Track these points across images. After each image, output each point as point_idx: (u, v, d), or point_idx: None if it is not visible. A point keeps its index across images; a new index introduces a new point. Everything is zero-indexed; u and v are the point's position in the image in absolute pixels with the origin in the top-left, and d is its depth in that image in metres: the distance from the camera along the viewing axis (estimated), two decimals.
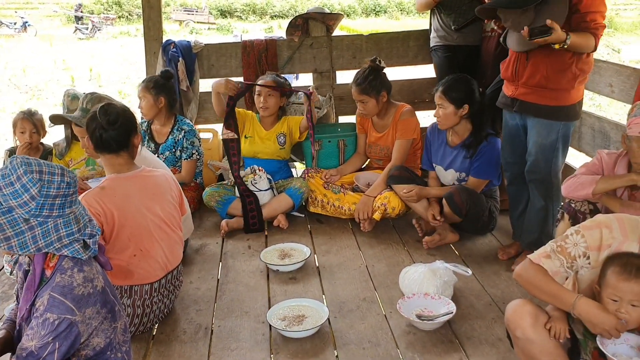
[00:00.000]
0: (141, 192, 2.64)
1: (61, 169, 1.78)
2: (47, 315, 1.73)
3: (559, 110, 3.02)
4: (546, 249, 2.06)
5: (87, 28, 25.23)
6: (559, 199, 3.07)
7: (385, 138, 3.97)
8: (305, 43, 4.68)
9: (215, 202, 3.92)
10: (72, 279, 1.78)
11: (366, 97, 3.83)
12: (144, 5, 4.55)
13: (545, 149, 3.07)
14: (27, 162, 1.74)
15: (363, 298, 2.98)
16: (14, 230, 1.72)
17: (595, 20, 2.87)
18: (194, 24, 27.30)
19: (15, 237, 1.72)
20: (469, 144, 3.47)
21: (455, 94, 3.39)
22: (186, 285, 3.11)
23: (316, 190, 3.98)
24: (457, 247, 3.53)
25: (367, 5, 32.35)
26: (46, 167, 1.76)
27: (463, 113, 3.41)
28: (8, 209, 1.71)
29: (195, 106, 4.66)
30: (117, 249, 2.55)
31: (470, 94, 3.40)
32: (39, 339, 1.72)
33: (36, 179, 1.71)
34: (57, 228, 1.76)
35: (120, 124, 2.59)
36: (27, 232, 1.73)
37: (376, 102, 3.85)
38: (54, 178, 1.74)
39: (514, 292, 2.98)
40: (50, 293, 1.75)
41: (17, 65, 16.71)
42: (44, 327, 1.72)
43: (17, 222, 1.72)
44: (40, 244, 1.74)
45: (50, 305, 1.74)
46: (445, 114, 3.42)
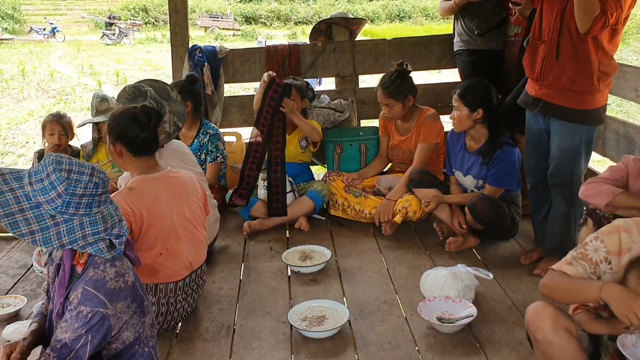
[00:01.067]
0: (168, 192, 2.69)
1: (92, 168, 1.81)
2: (80, 308, 1.77)
3: (583, 114, 3.00)
4: (567, 257, 2.05)
5: (114, 34, 25.62)
6: (581, 204, 3.06)
7: (408, 141, 3.98)
8: (328, 48, 4.72)
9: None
10: (104, 274, 1.82)
11: (392, 101, 3.84)
12: (170, 10, 4.63)
13: (569, 153, 3.05)
14: (57, 161, 1.78)
15: (384, 300, 3.00)
16: (40, 225, 1.76)
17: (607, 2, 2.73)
18: (219, 30, 27.56)
19: (40, 232, 1.76)
20: (484, 150, 3.46)
21: (470, 97, 3.39)
22: (209, 285, 3.16)
23: (337, 193, 4.00)
24: (479, 251, 3.52)
25: (391, 11, 32.34)
26: (76, 167, 1.78)
27: (477, 117, 3.41)
28: (36, 204, 1.76)
29: (219, 110, 4.73)
30: (144, 247, 2.59)
31: (486, 99, 3.39)
32: (73, 331, 1.77)
33: (64, 177, 1.75)
34: (83, 226, 1.79)
35: (155, 124, 2.64)
36: (52, 228, 1.76)
37: (402, 106, 3.86)
38: (82, 177, 1.77)
39: (535, 296, 2.95)
40: (84, 287, 1.80)
41: (45, 70, 17.06)
42: (77, 320, 1.77)
43: (43, 217, 1.76)
44: (64, 241, 1.78)
45: (84, 298, 1.78)
46: (460, 116, 3.44)
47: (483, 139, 3.49)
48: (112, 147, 2.67)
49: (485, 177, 3.47)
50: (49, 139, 4.03)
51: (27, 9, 32.27)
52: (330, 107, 4.54)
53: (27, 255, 3.63)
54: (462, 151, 3.60)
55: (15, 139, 9.78)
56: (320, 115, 4.47)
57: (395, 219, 3.72)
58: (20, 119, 11.25)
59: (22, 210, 1.75)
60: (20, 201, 1.75)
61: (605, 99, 3.07)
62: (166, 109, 3.20)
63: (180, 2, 4.58)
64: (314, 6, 33.20)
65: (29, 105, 12.82)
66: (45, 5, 33.92)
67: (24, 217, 1.74)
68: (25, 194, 1.76)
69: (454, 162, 3.67)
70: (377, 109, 4.77)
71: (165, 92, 3.29)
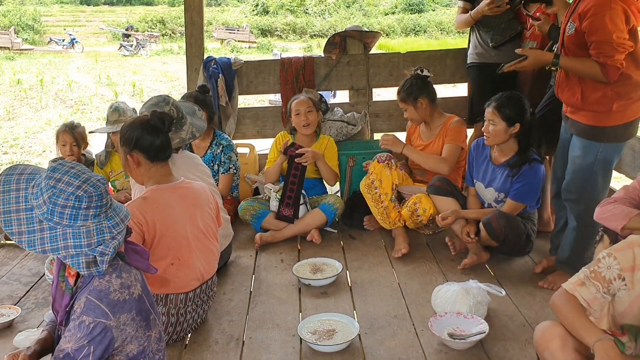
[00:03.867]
0: (181, 203, 2.69)
1: (83, 181, 1.76)
2: (83, 318, 1.77)
3: (599, 130, 2.97)
4: (580, 275, 2.02)
5: (132, 45, 25.93)
6: (593, 223, 2.99)
7: (430, 146, 3.93)
8: (343, 60, 4.73)
9: (250, 216, 3.97)
10: (109, 284, 1.81)
11: (404, 104, 3.86)
12: (186, 22, 4.68)
13: (582, 169, 3.03)
14: (54, 168, 1.79)
15: (394, 315, 2.97)
16: (28, 227, 1.76)
17: (600, 50, 2.79)
18: (235, 42, 27.80)
19: (26, 234, 1.76)
20: (512, 163, 3.39)
21: (509, 111, 3.31)
22: (219, 296, 3.16)
23: (384, 182, 3.76)
24: (492, 267, 3.49)
25: (406, 25, 32.43)
26: (68, 177, 1.76)
27: (513, 132, 3.34)
28: (31, 207, 1.77)
29: (233, 121, 4.75)
30: (156, 257, 2.59)
31: (523, 113, 3.33)
32: (75, 341, 1.76)
33: (50, 185, 1.75)
34: (65, 237, 1.76)
35: (168, 127, 2.65)
36: (37, 233, 1.76)
37: (414, 108, 3.83)
38: (68, 189, 1.74)
39: (548, 314, 2.92)
40: (88, 296, 1.79)
41: (63, 80, 17.28)
42: (79, 330, 1.76)
43: (33, 220, 1.77)
44: (46, 247, 1.76)
45: (87, 308, 1.77)
46: (496, 130, 3.35)
47: (511, 153, 3.42)
48: (130, 157, 2.64)
49: (507, 190, 3.42)
50: (61, 149, 4.07)
51: (47, 20, 32.79)
52: (343, 119, 4.55)
53: (40, 264, 3.66)
54: (486, 162, 3.54)
55: (32, 147, 9.90)
56: (333, 128, 4.47)
57: (403, 213, 3.66)
58: (37, 127, 11.39)
59: (18, 210, 1.77)
60: (19, 201, 1.78)
61: (627, 117, 2.97)
62: (187, 120, 3.24)
63: (196, 14, 4.63)
64: (329, 19, 33.41)
65: (47, 114, 12.99)
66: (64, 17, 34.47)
67: (17, 217, 1.76)
68: (26, 195, 1.78)
69: (476, 173, 3.62)
70: (391, 122, 4.79)
71: (192, 109, 3.38)
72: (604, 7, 2.76)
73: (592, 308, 1.99)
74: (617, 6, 2.75)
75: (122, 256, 1.92)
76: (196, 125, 3.28)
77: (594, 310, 2.01)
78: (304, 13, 35.19)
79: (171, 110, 3.17)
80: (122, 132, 2.67)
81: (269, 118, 4.87)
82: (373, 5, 37.34)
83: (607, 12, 2.75)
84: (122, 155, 2.70)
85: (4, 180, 1.80)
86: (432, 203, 3.60)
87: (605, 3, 2.76)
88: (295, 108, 4.08)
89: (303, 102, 4.09)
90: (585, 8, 2.83)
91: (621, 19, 2.76)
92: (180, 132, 3.18)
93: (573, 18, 2.94)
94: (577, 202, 3.08)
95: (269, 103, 11.22)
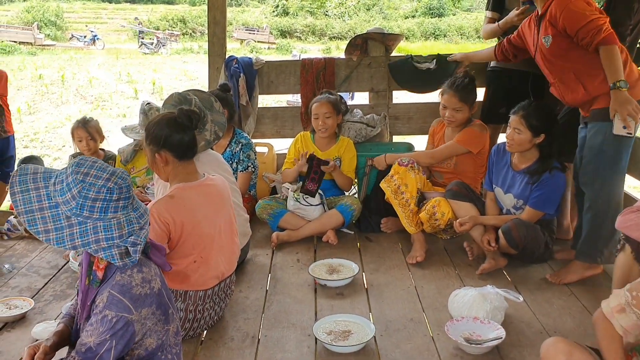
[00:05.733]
0: (206, 201, 2.69)
1: (110, 173, 1.79)
2: (105, 312, 1.78)
3: (605, 111, 3.07)
4: (621, 299, 1.94)
5: (152, 43, 26.14)
6: (607, 212, 3.13)
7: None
8: (364, 62, 4.73)
9: (267, 215, 3.98)
10: (131, 279, 1.83)
11: (462, 105, 3.75)
12: (209, 22, 4.71)
13: (594, 150, 3.16)
14: (79, 163, 1.80)
15: (410, 318, 2.96)
16: (55, 224, 1.77)
17: (587, 31, 3.03)
18: (255, 43, 27.91)
19: (54, 231, 1.77)
20: (533, 170, 3.36)
21: (536, 121, 3.27)
22: (236, 294, 3.17)
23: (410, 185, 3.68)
24: (509, 272, 3.46)
25: (426, 28, 32.34)
26: (95, 170, 1.78)
27: (538, 141, 3.31)
28: (55, 204, 1.78)
29: (253, 120, 4.77)
30: (180, 254, 2.61)
31: (550, 125, 3.31)
32: (98, 335, 1.77)
33: (79, 179, 1.76)
34: (96, 230, 1.78)
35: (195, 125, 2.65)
36: (66, 229, 1.77)
37: (469, 111, 3.79)
38: (97, 182, 1.76)
39: (566, 321, 2.90)
40: (110, 291, 1.81)
41: (84, 76, 17.47)
42: (102, 324, 1.78)
43: (59, 217, 1.77)
44: (76, 242, 1.77)
45: (110, 302, 1.79)
46: (520, 139, 3.31)
47: (532, 159, 3.39)
48: (158, 156, 2.61)
49: (527, 197, 3.38)
50: (78, 145, 4.11)
51: (69, 17, 33.17)
52: (362, 121, 4.54)
53: (58, 256, 3.70)
54: (507, 168, 3.51)
55: (52, 142, 10.03)
56: (352, 130, 4.47)
57: (421, 216, 3.63)
58: (58, 122, 11.54)
59: (41, 208, 1.78)
60: (41, 199, 1.78)
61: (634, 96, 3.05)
62: (208, 118, 3.25)
63: (220, 14, 4.65)
64: (349, 22, 33.42)
65: (67, 110, 13.15)
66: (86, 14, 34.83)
67: (42, 215, 1.77)
68: (48, 193, 1.79)
69: (495, 178, 3.59)
70: (411, 125, 4.77)
71: (209, 102, 3.34)
72: (564, 1, 3.10)
73: (630, 333, 1.93)
74: None
75: (147, 248, 1.94)
76: (217, 122, 3.29)
77: (632, 334, 1.95)
78: (324, 15, 35.22)
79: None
80: (148, 130, 2.64)
81: (288, 118, 4.88)
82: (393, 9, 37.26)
83: (569, 3, 3.09)
84: (148, 153, 2.66)
85: (19, 181, 1.80)
86: (450, 207, 3.57)
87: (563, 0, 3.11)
88: (315, 112, 4.08)
89: (322, 106, 4.07)
90: (552, 13, 3.15)
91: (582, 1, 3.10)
92: (204, 133, 3.19)
93: (545, 32, 3.24)
94: (591, 185, 3.20)
95: (287, 104, 11.25)
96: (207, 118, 3.25)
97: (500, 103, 4.13)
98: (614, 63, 3.00)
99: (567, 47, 3.18)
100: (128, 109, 13.27)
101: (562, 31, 3.13)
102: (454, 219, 3.55)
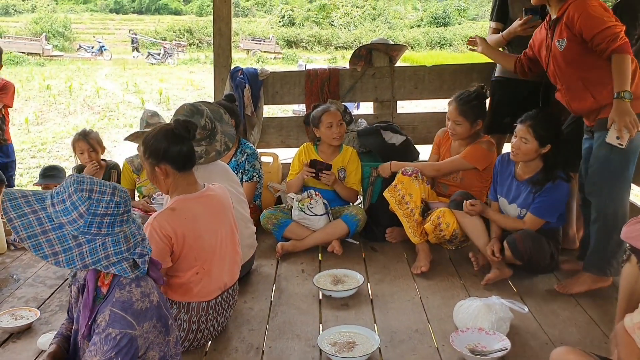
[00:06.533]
0: (207, 212, 2.68)
1: (113, 188, 1.80)
2: (109, 331, 1.77)
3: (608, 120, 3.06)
4: None
5: (159, 54, 26.32)
6: (614, 222, 3.09)
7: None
8: (368, 73, 4.74)
9: (272, 225, 3.99)
10: (130, 294, 1.82)
11: (462, 119, 3.72)
12: (215, 33, 4.74)
13: (600, 160, 3.13)
14: (79, 181, 1.77)
15: (415, 329, 2.95)
16: (63, 246, 1.75)
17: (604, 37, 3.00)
18: (261, 53, 28.05)
19: (63, 253, 1.75)
20: (536, 180, 3.35)
21: (543, 131, 3.25)
22: (240, 305, 3.17)
23: (414, 195, 3.67)
24: (515, 283, 3.44)
25: (431, 38, 32.41)
26: (97, 186, 1.77)
27: (543, 152, 3.30)
28: (59, 225, 1.76)
29: (258, 130, 4.79)
30: (183, 267, 2.61)
31: (556, 135, 3.29)
32: (102, 354, 1.75)
33: (85, 197, 1.74)
34: (105, 246, 1.77)
35: (193, 135, 2.64)
36: (75, 249, 1.75)
37: (469, 128, 3.74)
38: (104, 197, 1.76)
39: (572, 332, 2.88)
40: (111, 309, 1.79)
41: (91, 86, 17.60)
42: (106, 343, 1.76)
43: (66, 238, 1.75)
44: (87, 261, 1.76)
45: (112, 320, 1.78)
46: (527, 148, 3.29)
47: (535, 170, 3.38)
48: (158, 169, 2.58)
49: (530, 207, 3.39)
50: (80, 158, 4.14)
51: (77, 28, 33.46)
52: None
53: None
54: (511, 178, 3.50)
55: (59, 152, 10.07)
56: (356, 139, 4.47)
57: (426, 227, 3.62)
58: (65, 133, 11.60)
59: (45, 231, 1.75)
60: (42, 223, 1.76)
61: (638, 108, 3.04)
62: (218, 129, 3.27)
63: (225, 25, 4.68)
64: (354, 32, 33.55)
65: (75, 120, 13.23)
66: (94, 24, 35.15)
67: (46, 238, 1.74)
68: (48, 215, 1.77)
69: (500, 188, 3.58)
70: (415, 134, 4.78)
71: (219, 114, 3.38)
72: (582, 5, 3.07)
73: None
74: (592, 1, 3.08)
75: None
76: (227, 133, 3.31)
77: None
78: (330, 25, 35.39)
79: (206, 122, 3.20)
80: (146, 143, 2.60)
81: (292, 128, 4.90)
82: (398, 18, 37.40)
83: (587, 7, 3.06)
84: (148, 167, 2.64)
85: (12, 206, 1.76)
86: (455, 218, 3.57)
87: (581, 3, 3.08)
88: (328, 120, 4.04)
89: (335, 115, 4.06)
90: (569, 16, 3.11)
91: (600, 6, 3.10)
92: (215, 144, 3.21)
93: (560, 35, 3.19)
94: (598, 194, 3.16)
95: (293, 113, 11.29)
96: (218, 129, 3.26)
97: (504, 113, 4.12)
98: (624, 72, 2.98)
99: (581, 52, 3.14)
100: (135, 119, 13.34)
101: (578, 35, 3.09)
102: (458, 230, 3.54)
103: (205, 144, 3.20)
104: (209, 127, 3.22)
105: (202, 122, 3.18)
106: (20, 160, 9.15)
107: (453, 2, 38.41)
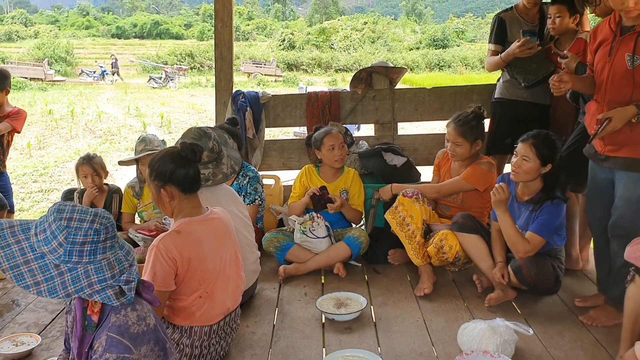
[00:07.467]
0: (211, 236, 2.67)
1: (94, 215, 1.77)
2: (106, 356, 1.74)
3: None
4: None
5: (161, 78, 26.53)
6: None
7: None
8: (368, 95, 4.78)
9: (274, 248, 3.98)
10: (126, 318, 1.80)
11: (462, 140, 3.72)
12: (216, 58, 4.78)
13: (632, 203, 2.94)
14: (59, 209, 1.76)
15: (420, 352, 2.92)
16: (44, 275, 1.73)
17: None
18: (262, 76, 28.27)
19: (44, 282, 1.73)
20: (536, 200, 3.34)
21: (546, 150, 3.23)
22: (243, 329, 3.14)
23: (415, 217, 3.67)
24: (519, 305, 3.42)
25: (430, 60, 32.67)
26: (77, 214, 1.75)
27: (544, 171, 3.28)
28: (41, 255, 1.74)
29: (259, 153, 4.81)
30: (186, 290, 2.59)
31: (556, 155, 3.27)
32: None
33: (63, 226, 1.72)
34: (88, 274, 1.74)
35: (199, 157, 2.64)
36: (56, 278, 1.73)
37: (469, 148, 3.75)
38: (82, 225, 1.73)
39: (578, 354, 2.86)
40: (108, 333, 1.77)
41: (93, 111, 17.69)
42: None
43: (48, 267, 1.73)
44: (69, 290, 1.74)
45: (109, 345, 1.75)
46: (529, 167, 3.26)
47: (536, 191, 3.35)
48: (163, 191, 2.58)
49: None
50: (83, 182, 4.16)
51: (79, 53, 33.77)
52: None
53: None
54: (511, 199, 3.47)
55: (61, 176, 10.08)
56: (358, 161, 4.48)
57: (429, 250, 3.61)
58: (67, 157, 11.63)
59: (27, 261, 1.73)
60: (25, 252, 1.74)
61: None
62: (224, 153, 3.28)
63: (226, 50, 4.73)
64: (354, 54, 33.84)
65: (76, 144, 13.27)
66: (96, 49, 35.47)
67: (28, 268, 1.72)
68: (31, 245, 1.75)
69: None
70: (416, 156, 4.79)
71: (224, 138, 3.43)
72: None
73: None
74: None
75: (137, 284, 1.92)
76: (233, 157, 3.34)
77: None
78: (330, 48, 35.70)
79: (214, 145, 3.22)
80: (152, 166, 2.62)
81: (294, 150, 4.92)
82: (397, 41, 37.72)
83: None
84: (153, 189, 2.64)
85: None
86: (457, 240, 3.56)
87: None
88: (330, 143, 4.04)
89: (337, 137, 4.07)
90: None
91: None
92: (222, 167, 3.22)
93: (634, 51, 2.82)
94: (626, 238, 2.90)
95: (294, 135, 11.33)
96: (224, 152, 3.28)
97: (505, 134, 4.14)
98: None
99: None
100: None
101: None
102: (461, 252, 3.53)
103: (212, 166, 3.21)
104: (217, 149, 3.25)
105: (209, 144, 3.21)
106: (22, 185, 9.17)
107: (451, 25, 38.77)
